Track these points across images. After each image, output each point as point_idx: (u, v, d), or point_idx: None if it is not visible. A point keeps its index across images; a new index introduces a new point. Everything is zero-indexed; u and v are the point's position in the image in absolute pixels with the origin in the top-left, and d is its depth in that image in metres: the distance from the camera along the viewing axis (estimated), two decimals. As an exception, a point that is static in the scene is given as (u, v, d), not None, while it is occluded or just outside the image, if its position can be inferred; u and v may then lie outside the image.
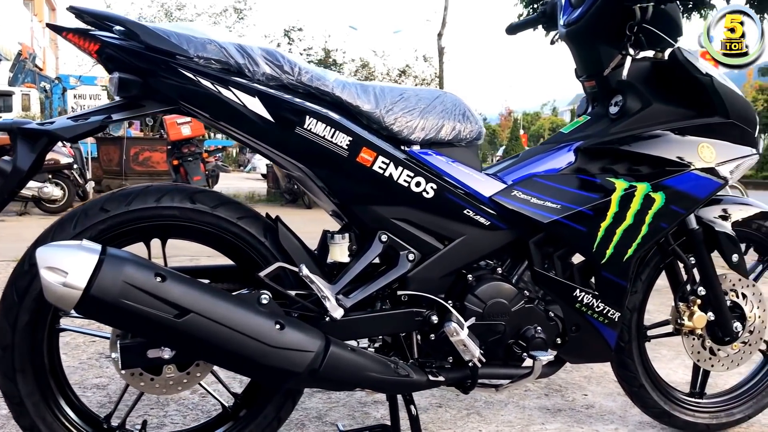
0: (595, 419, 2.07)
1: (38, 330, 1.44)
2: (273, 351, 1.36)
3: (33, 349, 1.44)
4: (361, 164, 1.49)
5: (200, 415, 1.99)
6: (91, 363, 2.45)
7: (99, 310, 1.27)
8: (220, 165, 16.67)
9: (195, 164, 9.93)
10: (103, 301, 1.24)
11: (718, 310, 1.86)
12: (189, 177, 9.76)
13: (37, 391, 1.45)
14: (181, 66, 1.38)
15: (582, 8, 1.74)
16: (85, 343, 2.67)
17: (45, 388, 1.46)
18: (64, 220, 1.44)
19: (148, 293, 1.27)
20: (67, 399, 1.52)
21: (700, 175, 1.71)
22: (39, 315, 1.43)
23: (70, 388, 1.55)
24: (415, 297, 1.58)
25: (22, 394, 1.43)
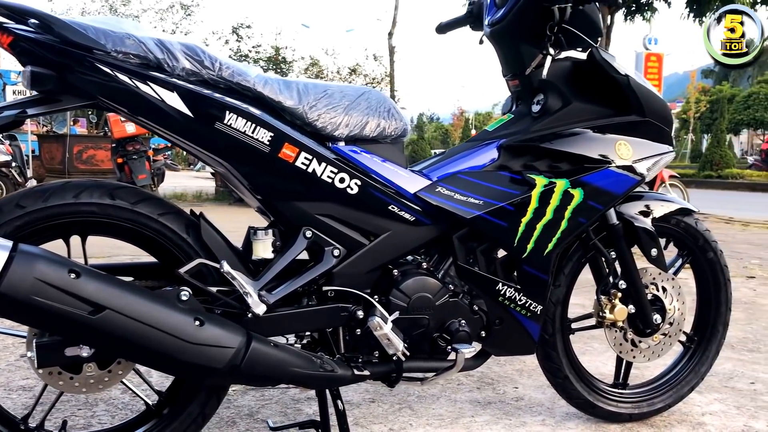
0: (523, 411, 2.12)
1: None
2: (192, 347, 1.36)
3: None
4: (284, 160, 1.49)
5: (130, 414, 1.97)
6: (18, 364, 2.40)
7: (10, 308, 1.25)
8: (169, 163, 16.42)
9: (140, 162, 9.78)
10: (13, 298, 1.22)
11: (638, 303, 1.92)
12: (134, 175, 9.61)
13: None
14: (98, 60, 1.37)
15: (504, 8, 1.78)
16: (15, 345, 2.61)
17: None
18: (-21, 216, 1.41)
19: (61, 290, 1.25)
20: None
21: (618, 172, 1.76)
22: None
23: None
24: (341, 292, 1.60)
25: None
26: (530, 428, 1.98)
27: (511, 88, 1.89)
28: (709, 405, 2.20)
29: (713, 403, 2.22)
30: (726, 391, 2.33)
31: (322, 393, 1.74)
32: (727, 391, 2.34)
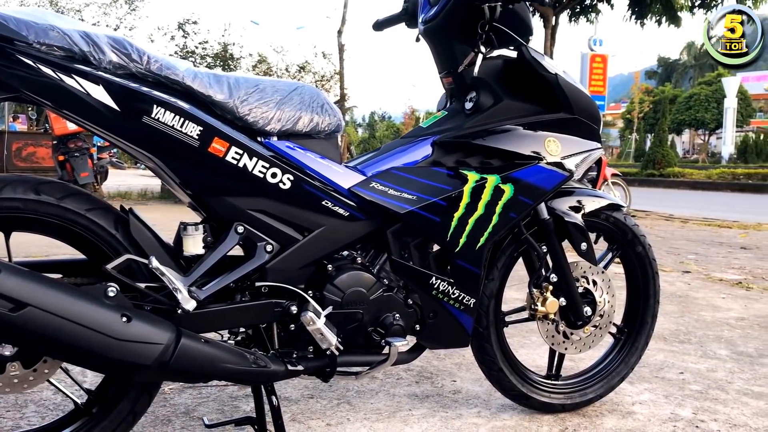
0: (460, 404, 2.15)
1: None
2: (119, 344, 1.34)
3: None
4: (213, 155, 1.48)
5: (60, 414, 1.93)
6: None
7: None
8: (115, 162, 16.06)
9: (82, 160, 9.56)
10: None
11: (569, 296, 1.97)
12: (76, 173, 9.39)
13: None
14: (20, 52, 1.33)
15: (437, 7, 1.80)
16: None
17: None
18: None
19: (-20, 287, 1.23)
20: None
21: (547, 168, 1.80)
22: None
23: None
24: (275, 288, 1.59)
25: None
26: (466, 420, 2.01)
27: (445, 85, 1.92)
28: (639, 395, 2.26)
29: (643, 392, 2.28)
30: (656, 381, 2.40)
31: (257, 389, 1.74)
32: (657, 381, 2.41)
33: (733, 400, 2.22)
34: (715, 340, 2.99)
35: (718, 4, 10.71)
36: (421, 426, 1.96)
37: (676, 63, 64.15)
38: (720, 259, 5.66)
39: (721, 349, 2.85)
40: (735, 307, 3.71)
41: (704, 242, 6.95)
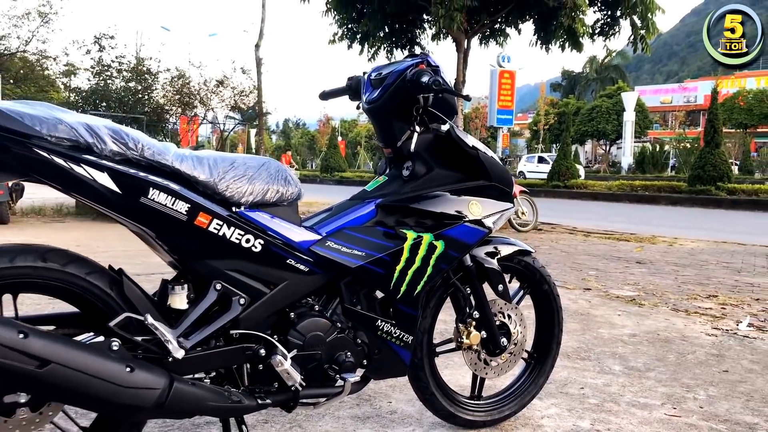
0: (397, 423, 2.48)
1: None
2: (125, 391, 1.60)
3: None
4: (199, 227, 1.76)
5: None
6: None
7: None
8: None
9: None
10: None
11: (489, 329, 2.34)
12: (-10, 192, 9.22)
13: None
14: (35, 145, 1.58)
15: (379, 91, 2.13)
16: None
17: None
18: None
19: (12, 348, 1.47)
20: None
21: (470, 226, 2.16)
22: None
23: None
24: (246, 334, 1.88)
25: None
26: (403, 438, 2.35)
27: (385, 154, 2.25)
28: (547, 409, 2.66)
29: (550, 407, 2.68)
30: (561, 396, 2.81)
31: (225, 420, 2.01)
32: (562, 396, 2.82)
33: (623, 411, 2.65)
34: (610, 356, 3.45)
35: (615, 33, 11.58)
36: (365, 444, 2.28)
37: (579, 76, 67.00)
38: (618, 275, 6.24)
39: (615, 364, 3.30)
40: (628, 323, 4.21)
41: (604, 257, 7.58)
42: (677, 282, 5.93)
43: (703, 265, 7.14)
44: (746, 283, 5.97)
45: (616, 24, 11.48)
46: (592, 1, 11.38)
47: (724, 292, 5.42)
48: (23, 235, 8.44)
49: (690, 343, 3.75)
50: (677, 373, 3.19)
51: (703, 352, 3.57)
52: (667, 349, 3.63)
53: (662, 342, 3.77)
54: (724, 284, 5.86)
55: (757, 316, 4.52)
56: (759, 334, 4.02)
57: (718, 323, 4.28)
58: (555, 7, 10.70)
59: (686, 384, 3.02)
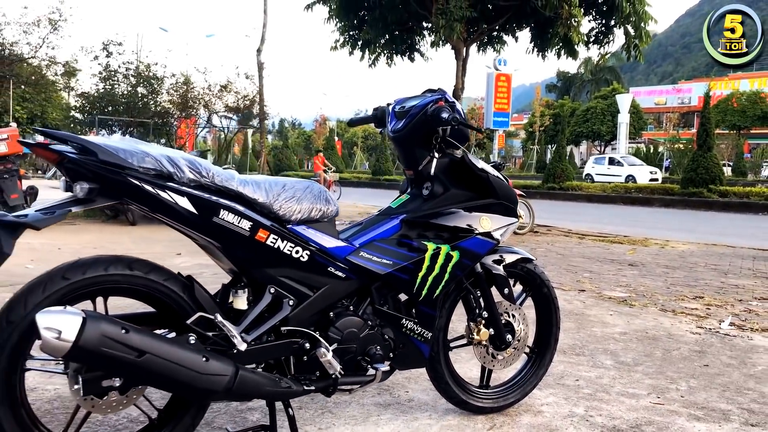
0: (415, 409, 2.83)
1: (13, 372, 1.91)
2: (202, 377, 1.95)
3: (9, 387, 1.90)
4: (259, 241, 2.11)
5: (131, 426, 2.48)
6: None
7: (83, 356, 1.80)
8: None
9: (11, 182, 9.71)
10: (86, 349, 1.77)
11: (496, 327, 2.69)
12: (5, 195, 9.53)
13: (12, 418, 1.91)
14: (128, 175, 1.92)
15: (403, 122, 2.48)
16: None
17: (17, 415, 1.93)
18: (34, 285, 1.92)
19: (118, 342, 1.82)
20: (32, 422, 1.99)
21: (481, 239, 2.51)
22: (14, 359, 1.89)
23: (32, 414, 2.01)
24: (293, 331, 2.23)
25: (1, 420, 1.89)
26: (421, 422, 2.69)
27: (407, 175, 2.60)
28: (546, 398, 3.01)
29: (549, 396, 3.04)
30: (558, 387, 3.16)
31: (271, 404, 2.36)
32: (559, 387, 3.17)
33: (613, 400, 3.01)
34: (603, 352, 3.81)
35: (609, 41, 11.96)
36: (389, 427, 2.63)
37: (574, 77, 67.46)
38: (611, 277, 6.60)
39: (607, 359, 3.66)
40: (620, 323, 4.57)
41: (598, 259, 7.94)
42: (666, 284, 6.30)
43: (692, 267, 7.51)
44: (731, 284, 6.34)
45: (610, 33, 11.88)
46: (587, 11, 11.76)
47: (710, 294, 5.79)
48: (41, 237, 8.76)
49: (675, 341, 4.12)
50: (662, 367, 3.55)
51: (686, 349, 3.93)
52: (654, 345, 3.99)
53: (650, 339, 4.14)
54: (710, 286, 6.23)
55: (739, 316, 4.89)
56: (739, 333, 4.38)
57: (702, 322, 4.65)
58: (551, 17, 11.06)
59: (670, 377, 3.38)
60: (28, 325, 1.87)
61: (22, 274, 5.93)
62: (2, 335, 1.87)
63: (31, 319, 1.86)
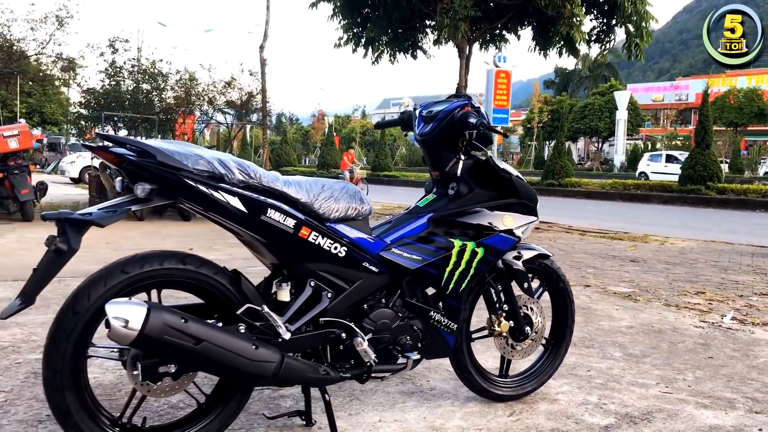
0: (437, 397, 2.99)
1: (78, 358, 2.06)
2: (252, 363, 2.11)
3: (75, 373, 2.05)
4: (302, 238, 2.26)
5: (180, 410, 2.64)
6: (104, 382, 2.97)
7: (147, 343, 1.95)
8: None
9: (22, 177, 9.85)
10: (150, 337, 1.93)
11: (516, 320, 2.85)
12: (16, 190, 9.67)
13: (77, 401, 2.06)
14: (185, 177, 2.07)
15: (431, 126, 2.63)
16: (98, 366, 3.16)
17: (82, 399, 2.08)
18: (95, 278, 2.07)
19: (179, 330, 1.97)
20: (94, 405, 2.14)
21: (504, 236, 2.67)
22: (79, 347, 2.05)
23: (94, 397, 2.17)
24: (330, 321, 2.38)
25: (68, 403, 2.04)
26: (445, 408, 2.85)
27: (433, 176, 2.75)
28: (560, 387, 3.17)
29: (563, 386, 3.20)
30: (571, 377, 3.32)
31: (307, 390, 2.52)
32: (572, 377, 3.33)
33: (624, 389, 3.17)
34: (611, 344, 3.97)
35: (611, 40, 12.11)
36: (415, 413, 2.79)
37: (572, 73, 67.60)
38: (614, 273, 6.77)
39: (616, 351, 3.83)
40: (626, 317, 4.74)
41: (600, 255, 8.11)
42: (668, 279, 6.47)
43: (693, 263, 7.68)
44: (732, 280, 6.51)
45: (611, 32, 12.02)
46: (589, 10, 11.90)
47: (711, 289, 5.96)
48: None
49: (680, 334, 4.28)
50: (669, 358, 3.72)
51: (691, 342, 4.10)
52: (660, 338, 4.16)
53: (656, 333, 4.30)
54: (711, 282, 6.40)
55: (740, 311, 5.06)
56: (740, 327, 4.55)
57: (705, 317, 4.82)
58: (553, 16, 11.20)
59: (677, 368, 3.54)
60: (92, 315, 2.03)
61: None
62: (69, 325, 2.02)
63: (94, 310, 2.02)
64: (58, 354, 2.02)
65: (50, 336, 2.03)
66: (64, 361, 2.02)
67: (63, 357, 2.02)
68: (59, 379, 2.03)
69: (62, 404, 2.04)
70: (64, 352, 2.02)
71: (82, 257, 2.07)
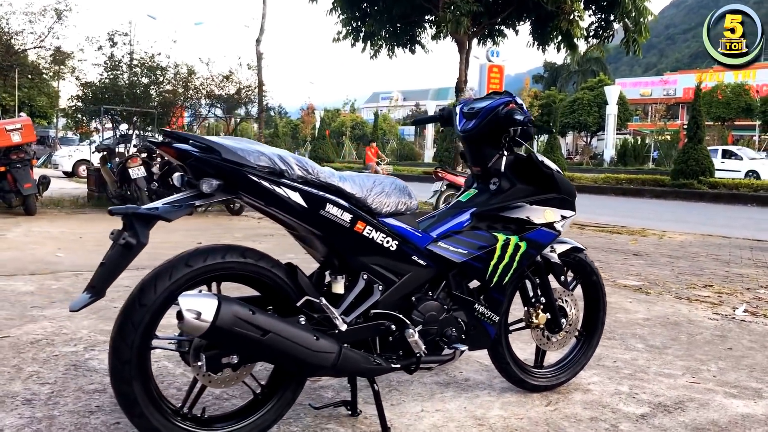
0: (473, 388, 3.06)
1: (145, 349, 2.10)
2: (313, 354, 2.17)
3: (142, 364, 2.10)
4: (357, 232, 2.31)
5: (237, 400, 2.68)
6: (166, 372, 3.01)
7: (218, 334, 2.00)
8: None
9: (24, 171, 9.84)
10: (222, 328, 1.98)
11: (552, 312, 2.92)
12: (19, 184, 9.65)
13: (143, 391, 2.11)
14: (248, 173, 2.12)
15: (474, 122, 2.69)
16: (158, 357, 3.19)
17: (148, 389, 2.13)
18: (161, 272, 2.11)
19: (247, 322, 2.03)
20: (159, 396, 2.19)
21: (546, 230, 2.73)
22: (145, 338, 2.09)
23: (158, 388, 2.21)
24: (380, 313, 2.43)
25: (136, 393, 2.09)
26: (483, 398, 2.92)
27: (474, 171, 2.81)
28: (590, 378, 3.25)
29: (593, 376, 3.27)
30: (599, 368, 3.40)
31: (354, 380, 2.58)
32: (600, 368, 3.41)
33: (652, 379, 3.25)
34: (632, 336, 4.05)
35: (609, 35, 12.21)
36: (455, 403, 2.85)
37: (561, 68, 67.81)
38: (619, 266, 6.86)
39: (638, 343, 3.91)
40: (640, 309, 4.83)
41: (603, 249, 8.20)
42: (674, 273, 6.57)
43: (695, 257, 7.80)
44: (736, 273, 6.63)
45: (609, 27, 12.12)
46: (588, 6, 11.99)
47: (717, 282, 6.07)
48: (55, 225, 8.90)
49: (696, 326, 4.38)
50: (690, 350, 3.80)
51: (708, 333, 4.19)
52: (678, 330, 4.25)
53: (672, 325, 4.39)
54: (716, 275, 6.51)
55: (750, 303, 5.16)
56: (753, 319, 4.65)
57: (717, 309, 4.92)
58: (553, 11, 11.28)
59: (699, 359, 3.63)
60: (158, 307, 2.08)
61: (55, 261, 6.11)
62: (137, 317, 2.06)
63: (160, 302, 2.07)
64: (126, 345, 2.06)
65: (118, 328, 2.08)
66: (132, 352, 2.07)
67: (131, 348, 2.06)
68: (127, 369, 2.07)
69: (130, 394, 2.09)
70: (132, 344, 2.06)
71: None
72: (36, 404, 2.67)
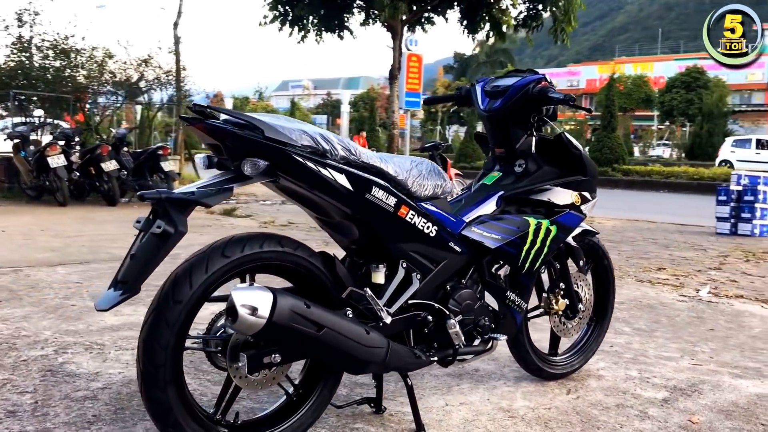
0: (486, 378, 2.95)
1: (179, 351, 1.87)
2: (366, 349, 1.99)
3: (176, 365, 1.87)
4: (400, 217, 2.14)
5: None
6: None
7: (275, 332, 1.79)
8: None
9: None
10: (279, 324, 1.78)
11: (570, 297, 2.85)
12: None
13: (178, 397, 1.88)
14: (292, 153, 1.91)
15: (500, 101, 2.56)
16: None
17: (182, 395, 1.90)
18: (195, 263, 1.88)
19: (303, 317, 1.83)
20: (193, 401, 1.96)
21: (574, 214, 2.65)
22: (180, 338, 1.86)
23: (190, 393, 1.98)
24: (418, 304, 2.28)
25: (170, 400, 1.85)
26: (501, 389, 2.82)
27: (497, 153, 2.68)
28: (596, 364, 3.20)
29: (599, 362, 3.23)
30: (600, 354, 3.34)
31: (379, 377, 2.42)
32: (600, 354, 3.35)
33: (656, 363, 3.24)
34: (615, 320, 4.03)
35: (538, 25, 12.38)
36: (476, 395, 2.73)
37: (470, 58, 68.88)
38: (569, 251, 6.94)
39: (624, 326, 3.92)
40: (611, 293, 4.86)
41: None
42: (622, 257, 6.70)
43: (633, 241, 8.01)
44: (679, 256, 6.83)
45: (539, 17, 12.29)
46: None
47: (668, 265, 6.22)
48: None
49: (670, 308, 4.44)
50: (676, 332, 3.84)
51: (685, 315, 4.26)
52: (655, 313, 4.29)
53: (647, 307, 4.44)
54: (662, 258, 6.69)
55: (708, 285, 5.30)
56: (718, 300, 4.77)
57: (681, 291, 5.02)
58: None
59: (689, 341, 3.66)
60: (194, 304, 1.85)
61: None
62: (172, 315, 1.83)
63: (197, 297, 1.85)
64: (161, 347, 1.83)
65: (150, 328, 1.84)
66: (167, 354, 1.84)
67: (166, 350, 1.83)
68: (162, 373, 1.84)
69: (164, 401, 1.85)
70: (167, 345, 1.83)
71: (26, 244, 1.85)
72: (22, 416, 2.37)
